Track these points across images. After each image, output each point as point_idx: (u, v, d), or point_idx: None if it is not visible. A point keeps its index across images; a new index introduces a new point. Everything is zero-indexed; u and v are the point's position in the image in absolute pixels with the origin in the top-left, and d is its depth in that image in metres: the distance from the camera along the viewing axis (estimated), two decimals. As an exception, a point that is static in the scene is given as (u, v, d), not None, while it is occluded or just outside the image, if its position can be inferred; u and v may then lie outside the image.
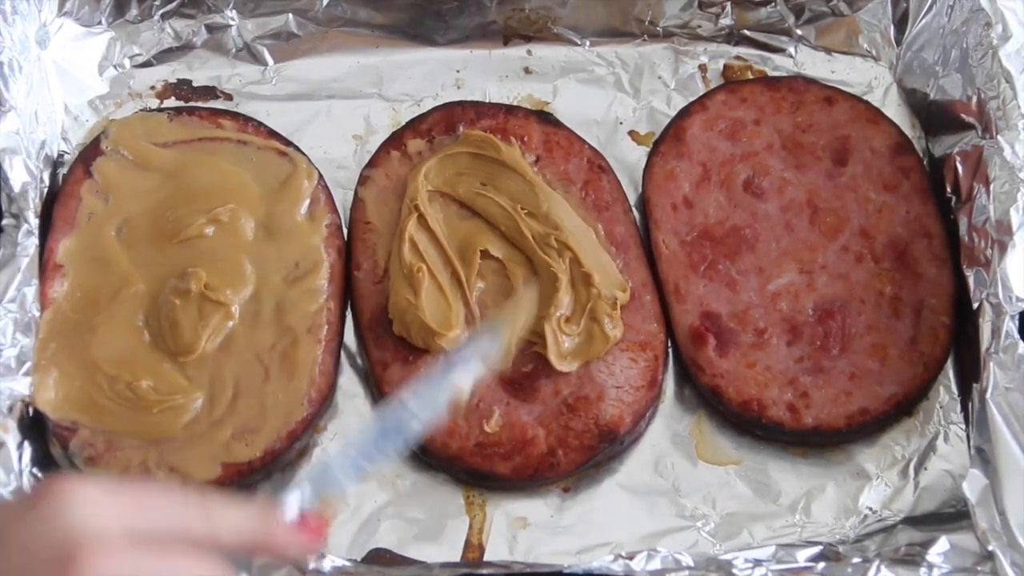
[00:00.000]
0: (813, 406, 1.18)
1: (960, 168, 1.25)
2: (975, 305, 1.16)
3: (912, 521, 1.15)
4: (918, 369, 1.19)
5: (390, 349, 1.20)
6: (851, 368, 1.19)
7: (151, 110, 1.34)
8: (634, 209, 1.28)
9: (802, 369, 1.19)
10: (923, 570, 1.06)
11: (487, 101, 1.36)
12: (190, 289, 1.18)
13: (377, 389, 1.19)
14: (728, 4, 1.40)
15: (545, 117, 1.32)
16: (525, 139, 1.29)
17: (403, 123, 1.33)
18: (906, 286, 1.23)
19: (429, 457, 1.17)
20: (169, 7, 1.38)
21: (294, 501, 0.89)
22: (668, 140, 1.31)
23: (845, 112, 1.32)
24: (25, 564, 0.74)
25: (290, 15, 1.39)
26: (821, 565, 1.08)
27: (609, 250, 1.24)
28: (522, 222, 1.22)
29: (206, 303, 1.18)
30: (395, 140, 1.31)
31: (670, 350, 1.23)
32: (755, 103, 1.32)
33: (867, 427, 1.18)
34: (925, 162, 1.31)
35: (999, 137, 1.21)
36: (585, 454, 1.16)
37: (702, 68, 1.40)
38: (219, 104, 1.36)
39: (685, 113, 1.32)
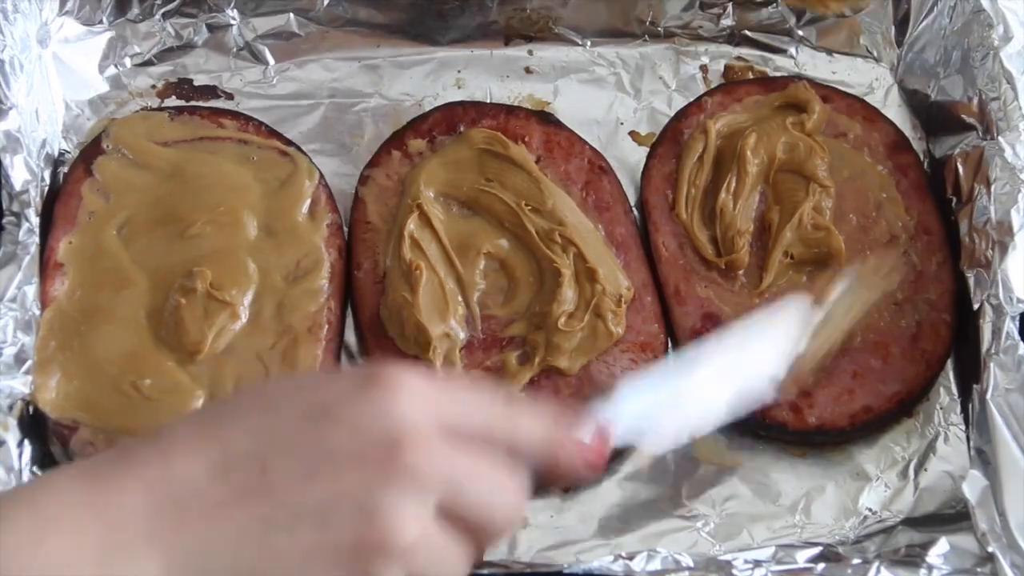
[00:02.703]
0: (816, 405, 1.17)
1: (961, 169, 1.25)
2: (976, 306, 1.16)
3: (912, 522, 1.15)
4: (920, 367, 1.19)
5: (391, 349, 1.20)
6: (853, 367, 1.19)
7: (152, 109, 1.34)
8: (635, 210, 1.29)
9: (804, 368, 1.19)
10: (923, 571, 1.06)
11: (488, 101, 1.36)
12: (196, 288, 1.17)
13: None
14: (729, 5, 1.40)
15: (546, 117, 1.32)
16: (526, 139, 1.29)
17: (404, 123, 1.33)
18: (906, 283, 1.23)
19: None
20: (170, 6, 1.38)
21: (590, 424, 0.87)
22: (666, 142, 1.31)
23: (842, 111, 1.32)
24: (355, 442, 0.75)
25: (291, 15, 1.39)
26: (821, 566, 1.08)
27: (610, 250, 1.24)
28: (526, 218, 1.22)
29: (212, 302, 1.18)
30: (396, 140, 1.31)
31: (670, 351, 1.23)
32: (751, 103, 1.32)
33: (870, 425, 1.18)
34: (926, 163, 1.32)
35: (1000, 138, 1.21)
36: (585, 454, 1.15)
37: (703, 69, 1.40)
38: (220, 103, 1.36)
39: (682, 115, 1.32)
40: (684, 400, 0.94)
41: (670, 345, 1.22)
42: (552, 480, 0.85)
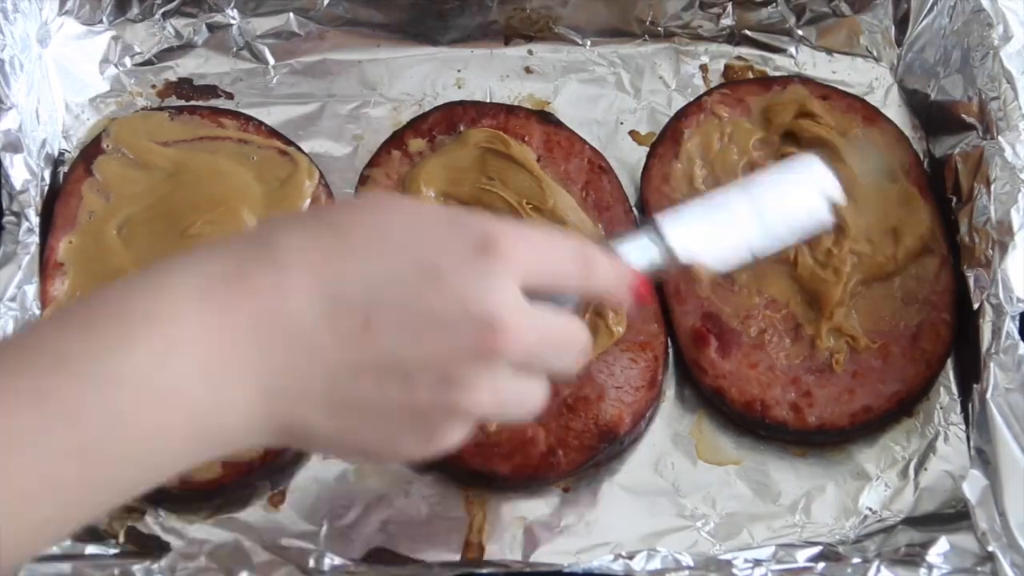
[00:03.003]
0: (816, 405, 1.17)
1: (961, 169, 1.25)
2: (975, 306, 1.16)
3: (912, 522, 1.15)
4: (920, 366, 1.19)
5: None
6: (853, 366, 1.19)
7: (152, 109, 1.34)
8: (635, 210, 1.29)
9: (804, 368, 1.19)
10: (923, 570, 1.05)
11: (488, 101, 1.36)
12: (196, 288, 1.17)
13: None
14: (729, 4, 1.40)
15: (546, 117, 1.32)
16: (526, 139, 1.29)
17: (404, 123, 1.33)
18: (907, 283, 1.22)
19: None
20: (170, 6, 1.38)
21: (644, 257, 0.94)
22: (665, 142, 1.31)
23: (842, 111, 1.32)
24: (456, 313, 0.79)
25: (291, 14, 1.39)
26: (821, 565, 1.08)
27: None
28: (527, 216, 1.22)
29: (212, 302, 1.18)
30: (396, 140, 1.31)
31: (670, 350, 1.23)
32: (751, 103, 1.32)
33: (870, 425, 1.18)
34: (926, 163, 1.32)
35: (1000, 138, 1.20)
36: (585, 454, 1.16)
37: (703, 68, 1.40)
38: (220, 103, 1.36)
39: (682, 115, 1.32)
40: (741, 220, 1.00)
41: (669, 344, 1.22)
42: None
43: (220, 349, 0.77)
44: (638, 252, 0.94)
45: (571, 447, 1.15)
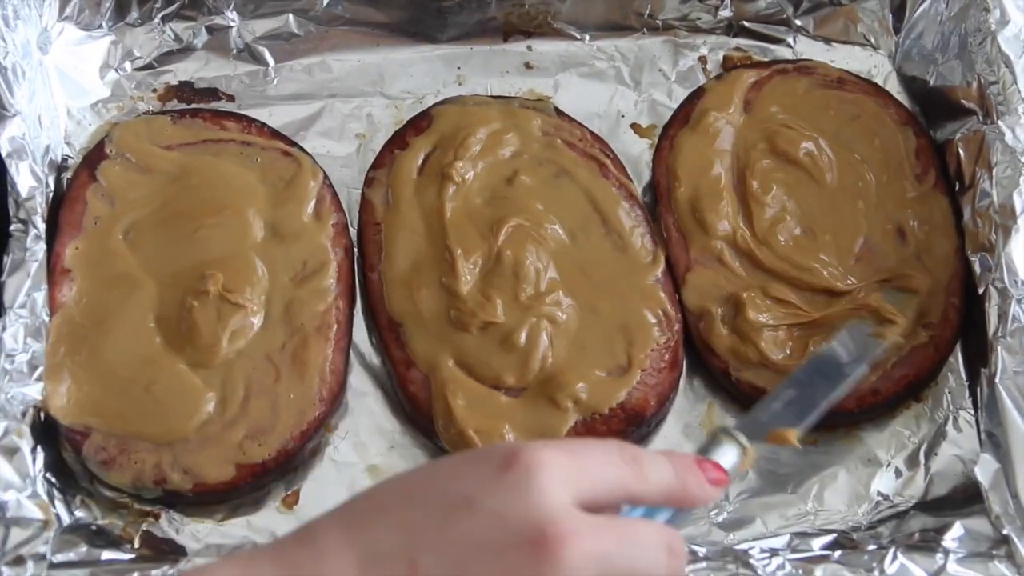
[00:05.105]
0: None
1: (962, 154, 1.26)
2: (981, 290, 1.17)
3: (924, 507, 1.15)
4: (928, 350, 1.20)
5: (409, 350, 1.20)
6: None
7: (154, 113, 1.34)
8: (640, 196, 1.28)
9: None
10: (939, 555, 1.06)
11: (488, 95, 1.36)
12: (208, 291, 1.17)
13: (401, 389, 1.19)
14: (727, -5, 1.41)
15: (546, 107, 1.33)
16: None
17: (405, 121, 1.33)
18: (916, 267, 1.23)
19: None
20: (169, 10, 1.37)
21: (723, 454, 0.90)
22: (678, 123, 1.31)
23: (855, 94, 1.32)
24: (500, 533, 0.74)
25: (290, 15, 1.39)
26: (837, 553, 1.08)
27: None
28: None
29: (224, 305, 1.18)
30: (397, 139, 1.31)
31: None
32: (765, 85, 1.33)
33: (878, 408, 1.19)
34: (930, 147, 1.32)
35: (1000, 122, 1.21)
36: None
37: (702, 60, 1.41)
38: (221, 105, 1.36)
39: (695, 96, 1.33)
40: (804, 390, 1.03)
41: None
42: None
43: None
44: (720, 457, 0.90)
45: (600, 434, 1.15)
